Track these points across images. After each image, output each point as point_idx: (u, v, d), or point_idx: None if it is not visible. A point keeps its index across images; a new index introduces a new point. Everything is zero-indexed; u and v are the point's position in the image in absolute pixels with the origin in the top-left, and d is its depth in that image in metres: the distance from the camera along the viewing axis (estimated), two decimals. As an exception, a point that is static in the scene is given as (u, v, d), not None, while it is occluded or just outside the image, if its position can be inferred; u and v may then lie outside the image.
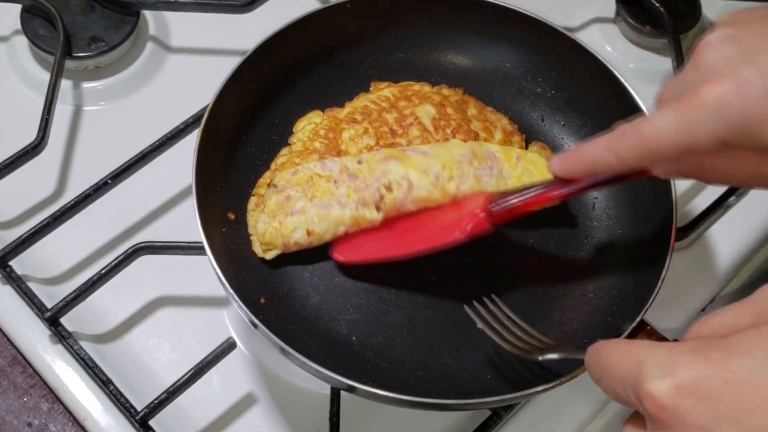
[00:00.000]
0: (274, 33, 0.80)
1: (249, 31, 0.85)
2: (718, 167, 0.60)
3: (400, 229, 0.75)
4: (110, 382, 0.75)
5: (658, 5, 0.98)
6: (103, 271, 0.78)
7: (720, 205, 0.88)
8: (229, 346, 0.74)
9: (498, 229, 0.72)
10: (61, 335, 0.77)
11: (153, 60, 0.98)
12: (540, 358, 0.65)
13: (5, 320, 0.80)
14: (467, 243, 0.77)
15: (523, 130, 0.85)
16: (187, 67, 0.98)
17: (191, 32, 1.01)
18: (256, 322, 0.66)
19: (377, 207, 0.74)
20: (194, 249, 0.76)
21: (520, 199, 0.69)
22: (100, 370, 0.75)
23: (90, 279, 0.78)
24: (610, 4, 1.03)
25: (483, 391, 0.67)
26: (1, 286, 0.81)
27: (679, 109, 0.54)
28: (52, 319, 0.77)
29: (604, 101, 0.81)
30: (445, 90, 0.85)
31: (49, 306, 0.78)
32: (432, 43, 0.87)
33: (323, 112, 0.83)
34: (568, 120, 0.84)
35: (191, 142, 0.74)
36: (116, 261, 0.78)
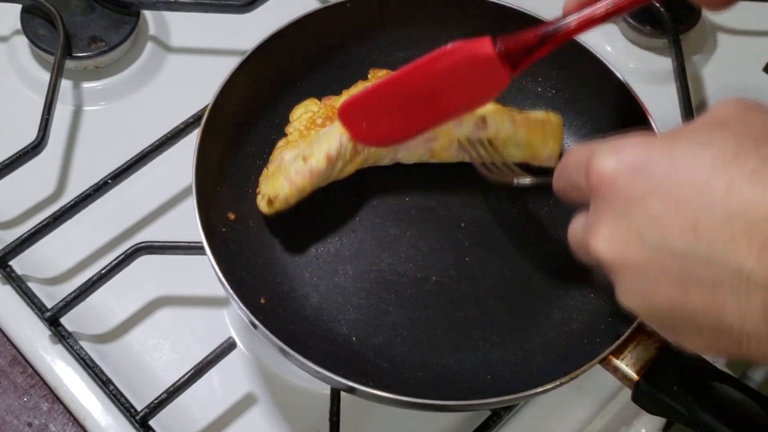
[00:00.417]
0: (274, 33, 0.80)
1: (249, 31, 0.85)
2: None
3: (415, 99, 0.73)
4: (110, 382, 0.75)
5: (658, 5, 0.98)
6: (103, 271, 0.78)
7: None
8: (229, 346, 0.74)
9: (498, 229, 0.72)
10: (61, 335, 0.77)
11: (153, 60, 0.98)
12: (516, 181, 0.73)
13: (5, 320, 0.80)
14: (467, 243, 0.77)
15: (523, 130, 0.84)
16: (187, 67, 0.98)
17: (191, 32, 1.01)
18: (256, 322, 0.66)
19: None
20: (194, 249, 0.76)
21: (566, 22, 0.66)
22: (100, 370, 0.75)
23: (90, 279, 0.78)
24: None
25: (483, 391, 0.67)
26: (1, 286, 0.81)
27: None
28: (52, 319, 0.77)
29: (604, 101, 0.81)
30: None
31: (49, 306, 0.78)
32: (432, 43, 0.87)
33: (320, 100, 0.82)
34: (568, 120, 0.84)
35: (191, 142, 0.74)
36: (116, 261, 0.78)
